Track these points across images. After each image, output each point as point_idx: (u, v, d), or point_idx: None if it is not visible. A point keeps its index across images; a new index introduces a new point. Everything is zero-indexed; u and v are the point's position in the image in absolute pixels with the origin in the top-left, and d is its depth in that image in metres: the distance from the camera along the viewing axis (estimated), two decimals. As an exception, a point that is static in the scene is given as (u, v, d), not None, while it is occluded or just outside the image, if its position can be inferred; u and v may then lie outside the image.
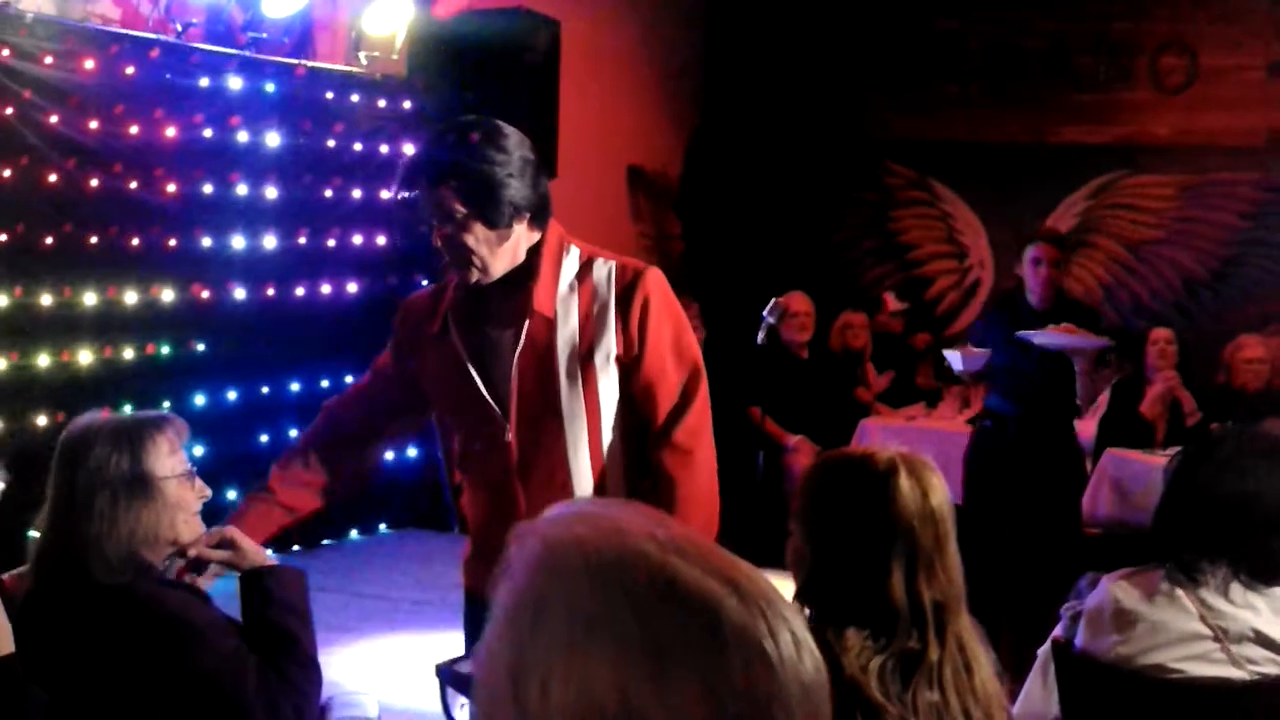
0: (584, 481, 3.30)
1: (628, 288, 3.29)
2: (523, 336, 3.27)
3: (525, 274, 3.28)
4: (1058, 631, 3.29)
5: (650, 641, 1.06)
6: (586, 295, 3.29)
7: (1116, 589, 3.14)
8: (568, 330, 3.27)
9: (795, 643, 1.10)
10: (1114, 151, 10.47)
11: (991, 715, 2.42)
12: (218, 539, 2.99)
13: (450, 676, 2.82)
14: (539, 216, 3.27)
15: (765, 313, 6.28)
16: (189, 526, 2.90)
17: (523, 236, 3.26)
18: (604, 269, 3.31)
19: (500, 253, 3.23)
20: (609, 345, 3.28)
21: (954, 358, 6.76)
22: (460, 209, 3.17)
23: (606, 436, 3.33)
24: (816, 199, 11.06)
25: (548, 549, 1.14)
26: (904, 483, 2.44)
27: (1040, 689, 3.28)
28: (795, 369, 8.48)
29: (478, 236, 3.19)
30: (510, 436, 3.32)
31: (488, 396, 3.32)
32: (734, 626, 1.07)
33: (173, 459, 2.88)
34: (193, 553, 2.94)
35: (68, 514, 2.80)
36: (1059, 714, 3.22)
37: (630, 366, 3.29)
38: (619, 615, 1.07)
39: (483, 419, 3.36)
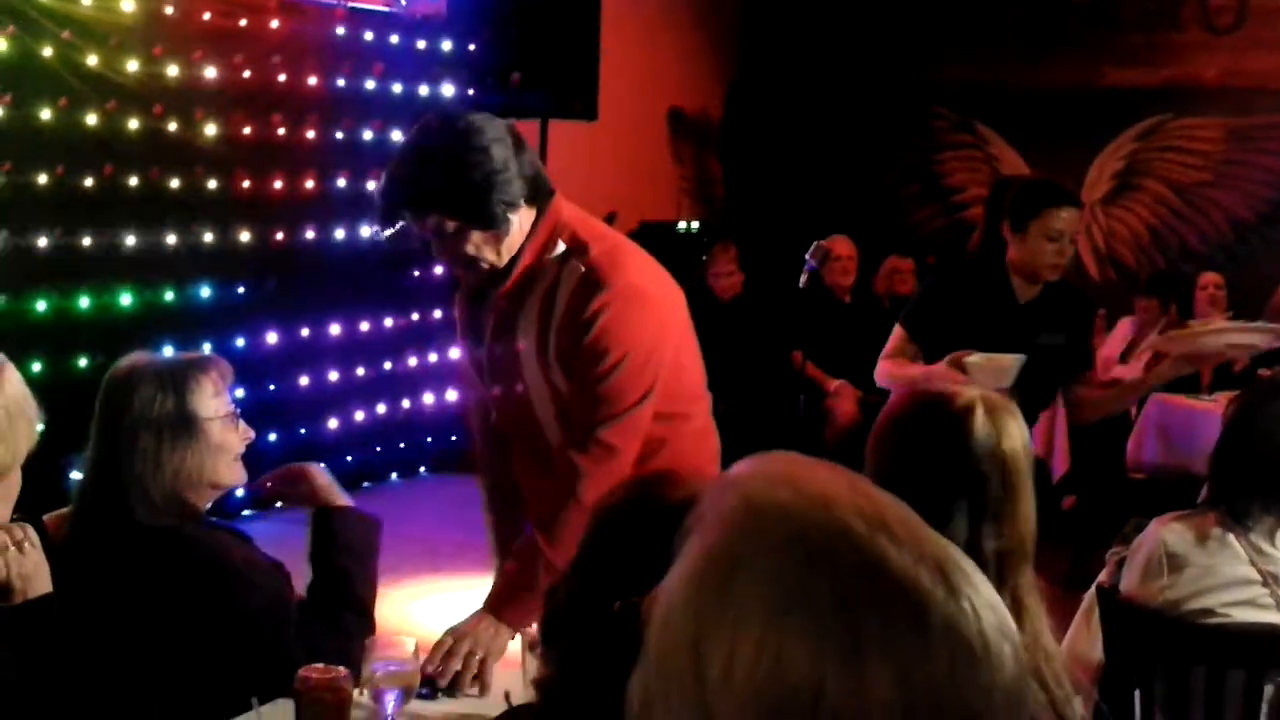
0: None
1: (583, 294, 3.08)
2: (489, 326, 3.22)
3: (513, 259, 3.15)
4: (1103, 576, 3.27)
5: (851, 627, 0.99)
6: (545, 292, 3.13)
7: (1166, 533, 3.11)
8: (527, 322, 3.15)
9: (1002, 635, 1.04)
10: (1161, 94, 10.34)
11: (1057, 674, 2.26)
12: (295, 474, 3.06)
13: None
14: (534, 196, 3.13)
15: (808, 256, 6.22)
16: (231, 470, 2.89)
17: (524, 218, 3.13)
18: (577, 269, 3.11)
19: (504, 247, 3.12)
20: (551, 342, 3.13)
21: (998, 373, 4.32)
22: (453, 224, 3.06)
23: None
24: (860, 142, 10.97)
25: (748, 510, 1.06)
26: (978, 423, 2.33)
27: (1084, 634, 3.26)
28: (838, 313, 8.43)
29: (477, 242, 3.08)
30: (494, 414, 3.39)
31: (474, 373, 3.38)
32: (941, 619, 1.01)
33: (216, 400, 2.87)
34: (270, 484, 2.98)
35: (111, 454, 2.79)
36: (1102, 659, 3.20)
37: (563, 368, 3.14)
38: (820, 595, 1.00)
39: (477, 392, 3.45)
